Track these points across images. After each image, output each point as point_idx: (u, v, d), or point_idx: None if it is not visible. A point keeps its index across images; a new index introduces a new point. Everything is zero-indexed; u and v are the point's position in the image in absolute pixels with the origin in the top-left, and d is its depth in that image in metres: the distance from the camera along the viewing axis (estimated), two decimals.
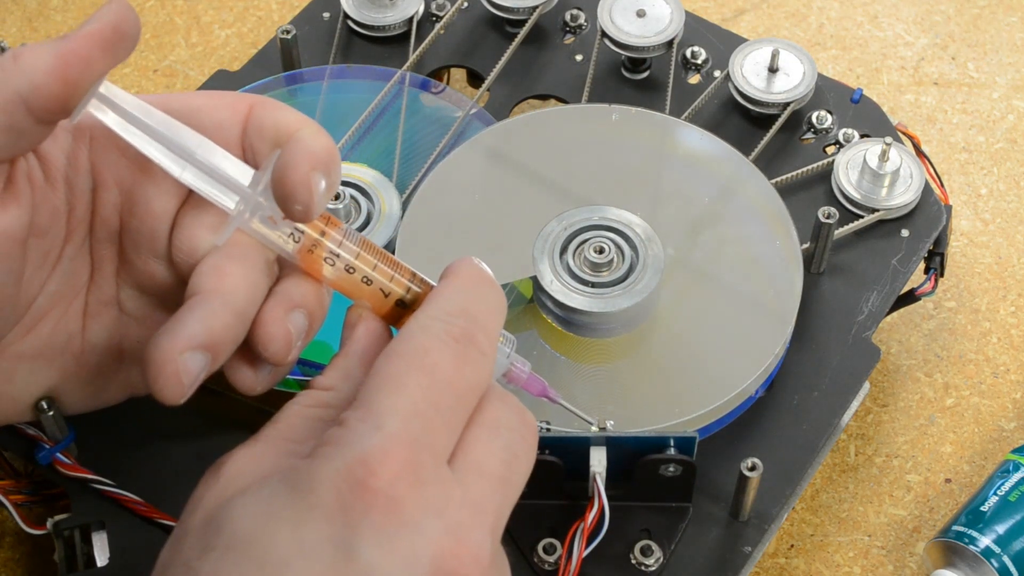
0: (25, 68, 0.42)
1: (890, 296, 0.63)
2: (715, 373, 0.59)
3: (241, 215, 0.45)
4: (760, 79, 0.69)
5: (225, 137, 0.47)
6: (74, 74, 0.42)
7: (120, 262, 0.50)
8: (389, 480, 0.38)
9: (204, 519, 0.40)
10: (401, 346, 0.42)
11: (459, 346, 0.42)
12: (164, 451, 0.58)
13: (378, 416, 0.39)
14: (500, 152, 0.66)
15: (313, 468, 0.39)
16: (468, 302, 0.43)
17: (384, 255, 0.47)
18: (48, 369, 0.50)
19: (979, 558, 0.59)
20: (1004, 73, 0.81)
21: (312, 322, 0.46)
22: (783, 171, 0.67)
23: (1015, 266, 0.73)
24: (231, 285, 0.45)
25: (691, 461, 0.54)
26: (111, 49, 0.43)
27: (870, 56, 0.82)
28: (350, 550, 0.38)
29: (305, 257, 0.46)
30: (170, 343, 0.43)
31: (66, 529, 0.56)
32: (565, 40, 0.73)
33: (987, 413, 0.68)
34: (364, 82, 0.70)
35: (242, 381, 0.47)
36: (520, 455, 0.42)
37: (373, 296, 0.46)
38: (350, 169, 0.65)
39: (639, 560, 0.55)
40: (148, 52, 0.82)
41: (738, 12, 0.85)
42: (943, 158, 0.78)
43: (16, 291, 0.47)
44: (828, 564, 0.63)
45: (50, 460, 0.56)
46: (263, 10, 0.84)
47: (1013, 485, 0.61)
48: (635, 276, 0.60)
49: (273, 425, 0.43)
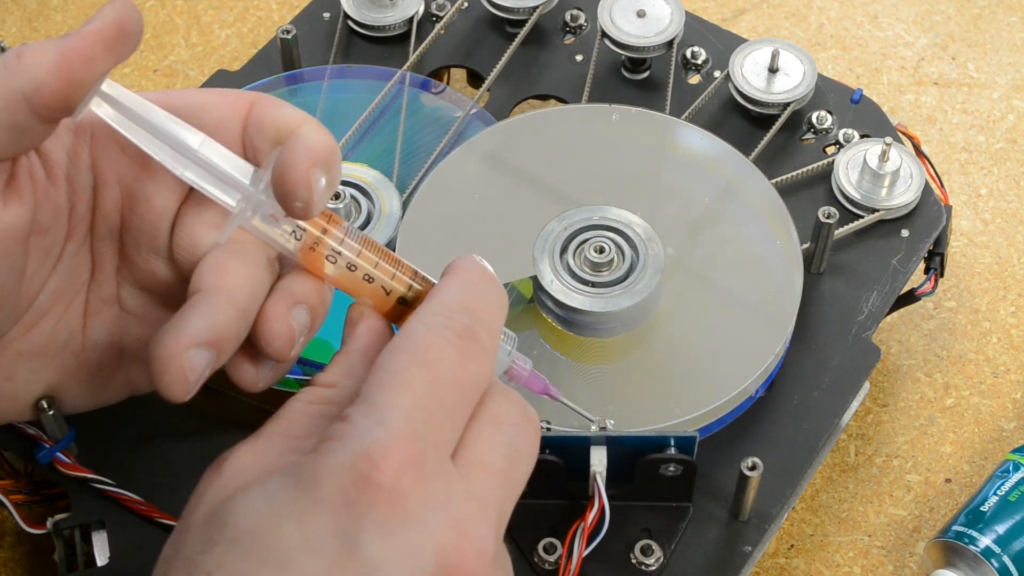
0: (28, 66, 0.42)
1: (890, 296, 0.63)
2: (715, 373, 0.59)
3: (243, 213, 0.45)
4: (760, 79, 0.69)
5: (226, 135, 0.47)
6: (77, 72, 0.42)
7: (121, 260, 0.50)
8: (393, 474, 0.38)
9: (207, 515, 0.40)
10: (404, 342, 0.42)
11: (461, 342, 0.42)
12: (164, 450, 0.58)
13: (381, 411, 0.39)
14: (500, 152, 0.66)
15: (317, 463, 0.39)
16: (470, 299, 0.43)
17: (386, 253, 0.47)
18: (49, 367, 0.50)
19: (979, 558, 0.59)
20: (1004, 73, 0.81)
21: (314, 318, 0.46)
22: (783, 171, 0.67)
23: (1015, 266, 0.73)
24: (234, 282, 0.45)
25: (691, 461, 0.54)
26: (114, 48, 0.43)
27: (870, 56, 0.83)
28: (354, 544, 0.38)
29: (307, 255, 0.46)
30: (174, 340, 0.43)
31: (66, 528, 0.56)
32: (565, 40, 0.73)
33: (987, 413, 0.68)
34: (364, 82, 0.70)
35: (244, 378, 0.47)
36: (523, 450, 0.43)
37: (375, 294, 0.46)
38: (350, 169, 0.65)
39: (639, 560, 0.55)
40: (148, 52, 0.82)
41: (738, 12, 0.85)
42: (943, 158, 0.78)
43: (18, 289, 0.47)
44: (828, 564, 0.63)
45: (50, 459, 0.56)
46: (263, 10, 0.84)
47: (1013, 485, 0.61)
48: (635, 276, 0.60)
49: (275, 422, 0.43)
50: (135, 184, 0.48)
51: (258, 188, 0.45)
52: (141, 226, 0.48)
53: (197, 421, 0.58)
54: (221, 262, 0.45)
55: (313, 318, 0.46)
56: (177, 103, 0.47)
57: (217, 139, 0.46)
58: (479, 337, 0.42)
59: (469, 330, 0.42)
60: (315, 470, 0.39)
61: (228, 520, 0.39)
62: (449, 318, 0.42)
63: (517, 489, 0.42)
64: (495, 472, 0.41)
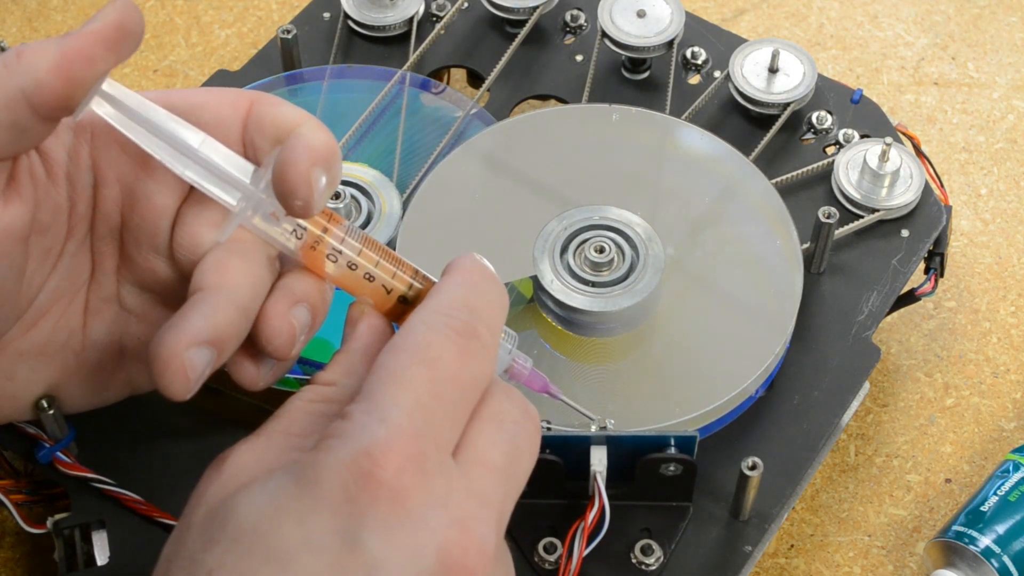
0: (28, 66, 0.42)
1: (890, 296, 0.63)
2: (715, 372, 0.59)
3: (243, 212, 0.45)
4: (760, 79, 0.69)
5: (226, 133, 0.47)
6: (77, 72, 0.43)
7: (121, 259, 0.50)
8: (394, 472, 0.38)
9: (208, 513, 0.40)
10: (404, 341, 0.42)
11: (462, 340, 0.42)
12: (164, 450, 0.58)
13: (382, 409, 0.39)
14: (500, 152, 0.66)
15: (318, 461, 0.39)
16: (470, 297, 0.43)
17: (386, 252, 0.47)
18: (49, 366, 0.50)
19: (979, 558, 0.59)
20: (1004, 73, 0.81)
21: (315, 317, 0.46)
22: (783, 171, 0.67)
23: (1015, 266, 0.73)
24: (234, 281, 0.45)
25: (691, 460, 0.54)
26: (114, 47, 0.43)
27: (870, 56, 0.83)
28: (356, 542, 0.38)
29: (307, 254, 0.46)
30: (175, 339, 0.43)
31: (66, 528, 0.56)
32: (565, 40, 0.73)
33: (987, 413, 0.68)
34: (364, 82, 0.70)
35: (245, 376, 0.47)
36: (523, 448, 0.43)
37: (375, 293, 0.46)
38: (351, 168, 0.65)
39: (639, 559, 0.55)
40: (148, 52, 0.82)
41: (738, 12, 0.85)
42: (943, 158, 0.78)
43: (18, 288, 0.47)
44: (828, 564, 0.63)
45: (50, 459, 0.56)
46: (263, 10, 0.84)
47: (1013, 485, 0.61)
48: (635, 275, 0.60)
49: (275, 420, 0.43)
50: (135, 183, 0.48)
51: (258, 187, 0.45)
52: (141, 225, 0.48)
53: (197, 421, 0.58)
54: (222, 261, 0.45)
55: (314, 317, 0.46)
56: (177, 102, 0.47)
57: (217, 138, 0.46)
58: (480, 335, 0.42)
59: (470, 328, 0.42)
60: (316, 468, 0.39)
61: (229, 518, 0.39)
62: (450, 316, 0.42)
63: (518, 487, 0.42)
64: (496, 469, 0.41)
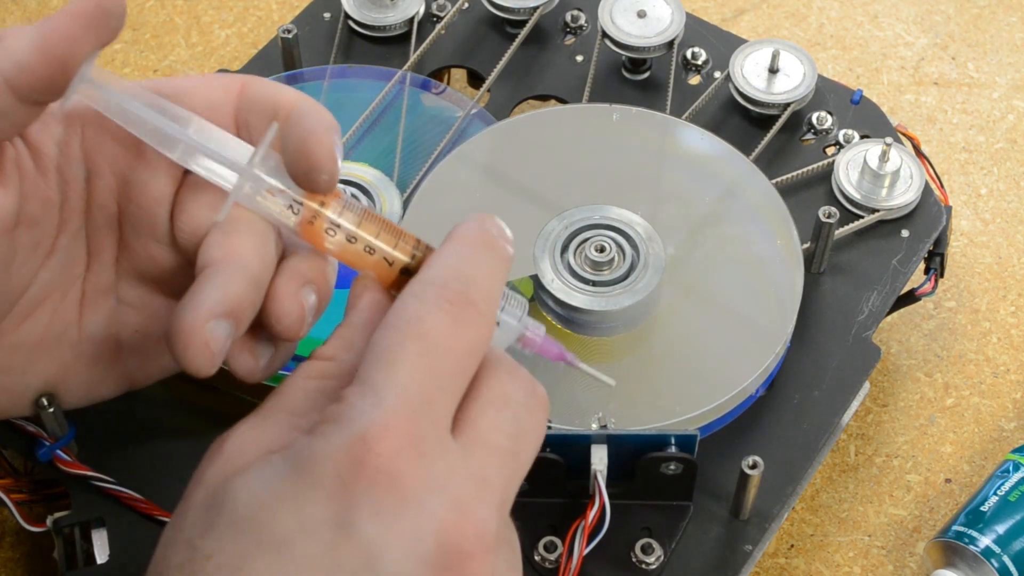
0: (8, 49, 0.42)
1: (890, 296, 0.64)
2: (716, 372, 0.59)
3: (239, 189, 0.45)
4: (760, 80, 0.69)
5: (218, 115, 0.47)
6: (57, 51, 0.42)
7: (120, 249, 0.49)
8: (389, 456, 0.38)
9: (206, 496, 0.40)
10: (395, 318, 0.41)
11: (454, 309, 0.41)
12: (164, 448, 0.58)
13: (376, 391, 0.39)
14: (501, 152, 0.66)
15: (313, 446, 0.39)
16: (463, 264, 0.43)
17: (386, 224, 0.46)
18: (45, 360, 0.50)
19: (979, 558, 0.59)
20: (1004, 73, 0.82)
21: (320, 300, 0.46)
22: (783, 171, 0.67)
23: (1015, 266, 0.73)
24: (242, 253, 0.44)
25: (692, 459, 0.54)
26: (94, 26, 0.43)
27: (870, 56, 0.83)
28: (351, 529, 0.38)
29: (306, 229, 0.45)
30: (194, 314, 0.43)
31: (66, 526, 0.56)
32: (566, 41, 0.73)
33: (987, 413, 0.68)
34: (365, 82, 0.70)
35: (243, 367, 0.46)
36: (528, 429, 0.42)
37: (377, 266, 0.46)
38: (351, 168, 0.66)
39: (640, 558, 0.55)
40: (148, 52, 0.82)
41: (738, 12, 0.85)
42: (943, 158, 0.78)
43: (5, 279, 0.47)
44: (828, 564, 0.63)
45: (50, 457, 0.56)
46: (263, 10, 0.84)
47: (1013, 485, 0.61)
48: (636, 275, 0.60)
49: (275, 398, 0.42)
50: (130, 171, 0.48)
51: (254, 163, 0.45)
52: (139, 213, 0.48)
53: (197, 419, 0.59)
54: (227, 236, 0.45)
55: (320, 299, 0.46)
56: (167, 88, 0.46)
57: (210, 120, 0.46)
58: (473, 302, 0.42)
59: (462, 296, 0.41)
60: (311, 454, 0.38)
61: (226, 504, 0.39)
62: (443, 287, 0.42)
63: (522, 469, 0.42)
64: (498, 451, 0.40)
